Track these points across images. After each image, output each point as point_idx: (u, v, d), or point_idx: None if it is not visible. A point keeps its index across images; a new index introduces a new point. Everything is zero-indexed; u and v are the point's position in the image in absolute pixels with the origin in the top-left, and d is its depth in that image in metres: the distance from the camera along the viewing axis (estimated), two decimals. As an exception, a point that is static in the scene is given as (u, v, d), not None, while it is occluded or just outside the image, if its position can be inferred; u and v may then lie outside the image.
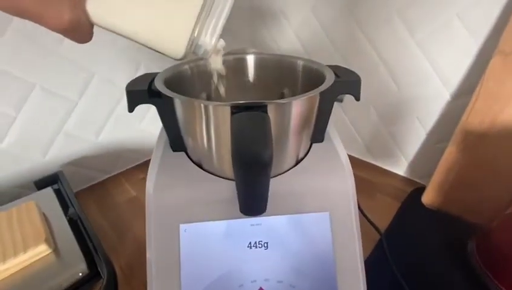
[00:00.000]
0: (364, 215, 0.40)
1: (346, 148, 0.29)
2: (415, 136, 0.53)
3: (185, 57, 0.21)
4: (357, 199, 0.36)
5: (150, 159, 0.28)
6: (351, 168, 0.27)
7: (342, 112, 0.61)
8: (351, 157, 0.62)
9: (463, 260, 0.38)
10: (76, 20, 0.18)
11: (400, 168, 0.58)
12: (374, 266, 0.39)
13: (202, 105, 0.22)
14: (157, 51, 0.21)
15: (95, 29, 0.21)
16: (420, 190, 0.50)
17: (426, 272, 0.38)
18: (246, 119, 0.18)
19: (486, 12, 0.39)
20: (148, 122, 0.60)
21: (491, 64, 0.38)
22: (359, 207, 0.37)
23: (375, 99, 0.55)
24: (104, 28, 0.20)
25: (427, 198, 0.48)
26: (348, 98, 0.59)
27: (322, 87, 0.23)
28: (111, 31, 0.20)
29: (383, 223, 0.46)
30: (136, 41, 0.21)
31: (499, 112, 0.38)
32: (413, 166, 0.56)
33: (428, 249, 0.41)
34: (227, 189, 0.25)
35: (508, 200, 0.36)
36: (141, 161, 0.62)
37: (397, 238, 0.43)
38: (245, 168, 0.17)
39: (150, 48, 0.21)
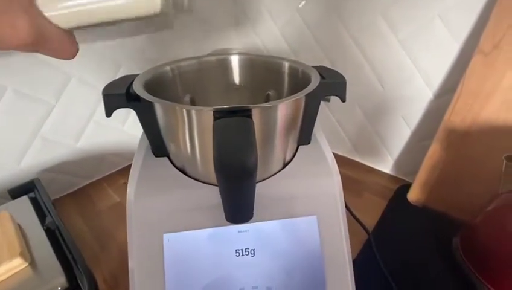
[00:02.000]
0: (353, 215, 0.40)
1: (332, 147, 0.29)
2: (400, 134, 0.54)
3: (164, 8, 0.19)
4: (344, 198, 0.36)
5: (131, 163, 0.27)
6: (338, 171, 0.27)
7: (329, 111, 0.62)
8: (337, 156, 0.63)
9: (449, 256, 0.39)
10: (35, 27, 0.15)
11: (386, 166, 0.59)
12: (363, 265, 0.39)
13: (184, 110, 0.21)
14: (134, 18, 0.19)
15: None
16: (406, 187, 0.51)
17: (413, 269, 0.38)
18: (229, 125, 0.17)
19: (466, 12, 0.40)
20: (130, 125, 0.58)
21: (471, 63, 0.39)
22: (347, 207, 0.37)
23: (360, 99, 0.56)
24: (68, 22, 0.17)
25: (413, 195, 0.49)
26: (335, 98, 0.59)
27: (308, 90, 0.22)
28: (77, 23, 0.18)
29: (371, 222, 0.46)
30: (108, 21, 0.18)
31: (480, 110, 0.39)
32: (398, 164, 0.57)
33: (415, 246, 0.42)
34: (213, 195, 0.24)
35: (490, 197, 0.37)
36: (124, 165, 0.59)
37: (385, 236, 0.43)
38: (228, 177, 0.16)
39: (126, 19, 0.19)
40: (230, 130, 0.17)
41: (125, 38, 0.51)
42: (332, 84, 0.25)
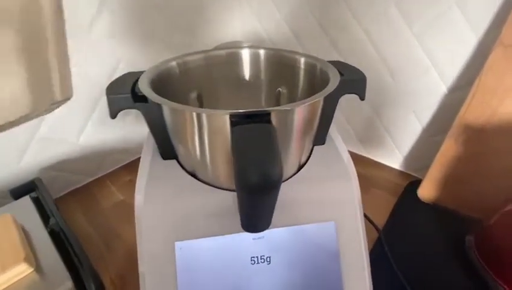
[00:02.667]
0: (364, 215, 0.39)
1: None
2: (410, 128, 0.53)
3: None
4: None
5: (136, 160, 0.25)
6: (355, 173, 0.26)
7: (336, 104, 0.60)
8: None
9: (461, 255, 0.38)
10: None
11: (395, 161, 0.58)
12: (374, 264, 0.38)
13: (197, 113, 0.19)
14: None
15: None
16: (415, 183, 0.50)
17: (426, 268, 0.38)
18: (250, 133, 0.16)
19: (487, 3, 0.38)
20: (133, 119, 0.56)
21: (491, 56, 0.37)
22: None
23: (368, 91, 0.53)
24: None
25: (423, 192, 0.48)
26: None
27: (329, 89, 0.21)
28: None
29: (379, 218, 0.45)
30: None
31: (498, 106, 0.38)
32: (408, 159, 0.56)
33: (427, 245, 0.41)
34: (226, 201, 0.23)
35: (505, 197, 0.36)
36: (127, 161, 0.58)
37: (395, 234, 0.42)
38: (251, 190, 0.15)
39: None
40: (252, 139, 0.15)
41: (126, 33, 0.48)
42: (352, 81, 0.24)
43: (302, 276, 0.23)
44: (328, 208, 0.24)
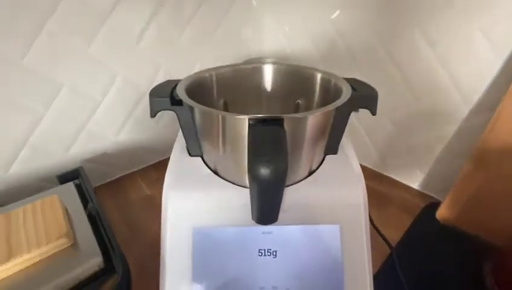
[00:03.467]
0: (375, 228, 0.39)
1: (360, 159, 0.29)
2: (431, 149, 0.52)
3: None
4: (369, 211, 0.36)
5: (165, 159, 0.29)
6: (364, 182, 0.27)
7: (357, 122, 0.61)
8: (364, 168, 0.62)
9: (477, 281, 0.37)
10: None
11: (415, 182, 0.57)
12: (384, 281, 0.39)
13: (221, 116, 0.22)
14: None
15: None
16: (435, 205, 0.49)
17: (436, 289, 0.37)
18: (263, 132, 0.18)
19: (509, 28, 0.38)
20: (164, 124, 0.62)
21: (514, 82, 0.37)
22: (372, 222, 0.37)
23: (391, 111, 0.55)
24: None
25: (442, 213, 0.47)
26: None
27: (339, 102, 0.23)
28: None
29: (395, 237, 0.45)
30: None
31: (521, 131, 0.37)
32: (428, 180, 0.55)
33: (440, 267, 0.40)
34: (241, 196, 0.26)
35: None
36: (156, 161, 0.63)
37: (409, 253, 0.42)
38: (260, 181, 0.17)
39: None
40: (265, 137, 0.18)
41: (167, 43, 0.55)
42: (364, 97, 0.26)
43: (305, 272, 0.25)
44: (334, 212, 0.26)
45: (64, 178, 0.47)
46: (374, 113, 0.27)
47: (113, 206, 0.52)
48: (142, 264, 0.42)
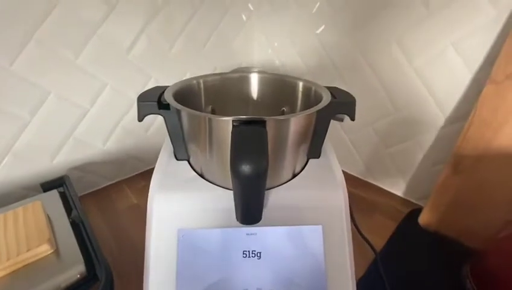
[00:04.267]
0: (360, 234, 0.40)
1: (345, 168, 0.30)
2: (413, 158, 0.54)
3: None
4: (355, 218, 0.37)
5: (152, 168, 0.29)
6: (344, 184, 0.28)
7: (343, 132, 0.63)
8: (350, 177, 0.64)
9: (457, 284, 0.38)
10: None
11: (398, 189, 0.59)
12: (368, 285, 0.39)
13: (206, 118, 0.23)
14: None
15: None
16: (417, 211, 0.51)
17: (420, 293, 0.38)
18: (245, 131, 0.19)
19: (480, 42, 0.41)
20: (153, 132, 0.62)
21: (483, 92, 0.40)
22: (356, 225, 0.38)
23: (375, 121, 0.57)
24: None
25: (424, 219, 0.48)
26: (349, 119, 0.61)
27: (318, 106, 0.25)
28: None
29: (379, 242, 0.46)
30: None
31: (492, 139, 0.39)
32: (411, 187, 0.57)
33: (423, 271, 0.41)
34: (226, 198, 0.26)
35: (502, 224, 0.37)
36: (144, 170, 0.63)
37: (393, 258, 0.43)
38: (242, 177, 0.18)
39: None
40: (246, 136, 0.19)
41: (157, 54, 0.56)
42: (342, 103, 0.27)
43: (289, 273, 0.25)
44: (316, 213, 0.27)
45: (48, 186, 0.46)
46: (352, 118, 0.28)
47: (99, 215, 0.52)
48: (128, 275, 0.41)
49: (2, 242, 0.32)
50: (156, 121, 0.62)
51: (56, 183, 0.47)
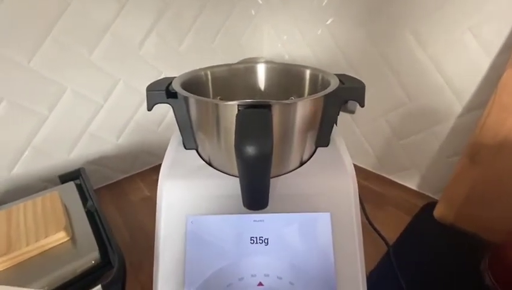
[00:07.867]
0: (372, 226, 0.39)
1: (358, 161, 0.30)
2: (428, 149, 0.53)
3: None
4: (367, 211, 0.36)
5: None
6: (354, 171, 0.28)
7: (355, 125, 0.62)
8: (362, 170, 0.63)
9: (475, 278, 0.36)
10: None
11: (412, 182, 0.57)
12: (380, 277, 0.38)
13: (212, 103, 0.24)
14: None
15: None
16: (433, 204, 0.49)
17: (434, 287, 0.37)
18: (250, 114, 0.19)
19: (498, 26, 0.39)
20: (164, 127, 0.63)
21: (504, 76, 0.38)
22: (367, 217, 0.38)
23: (387, 112, 0.56)
24: None
25: (439, 211, 0.47)
26: (360, 110, 0.60)
27: (326, 91, 0.24)
28: None
29: (392, 236, 0.45)
30: None
31: (513, 126, 0.38)
32: (425, 180, 0.55)
33: (438, 265, 0.40)
34: (233, 186, 0.26)
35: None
36: (156, 164, 0.64)
37: (406, 251, 0.42)
38: (246, 158, 0.18)
39: None
40: (251, 118, 0.19)
41: (167, 50, 0.57)
42: (351, 88, 0.27)
43: (296, 260, 0.25)
44: (325, 200, 0.26)
45: (65, 178, 0.48)
46: (362, 105, 0.28)
47: (113, 207, 0.53)
48: (140, 264, 0.42)
49: (21, 229, 0.34)
50: (167, 117, 0.63)
51: (73, 175, 0.49)
